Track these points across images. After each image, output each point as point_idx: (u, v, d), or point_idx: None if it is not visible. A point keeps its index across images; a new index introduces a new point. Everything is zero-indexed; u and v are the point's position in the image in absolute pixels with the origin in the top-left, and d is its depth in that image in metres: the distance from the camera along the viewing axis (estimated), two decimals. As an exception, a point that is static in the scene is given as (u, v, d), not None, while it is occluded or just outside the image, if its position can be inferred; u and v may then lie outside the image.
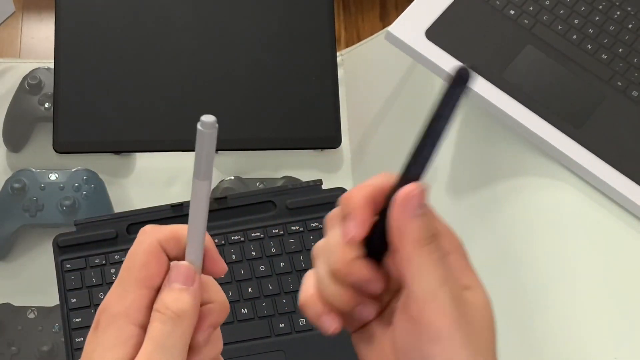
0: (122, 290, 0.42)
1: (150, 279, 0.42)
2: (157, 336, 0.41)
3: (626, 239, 0.72)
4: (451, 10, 0.79)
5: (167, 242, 0.43)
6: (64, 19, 0.88)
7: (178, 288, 0.42)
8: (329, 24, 0.91)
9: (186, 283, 0.42)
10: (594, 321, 0.67)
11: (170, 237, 0.43)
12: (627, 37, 0.79)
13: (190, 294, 0.42)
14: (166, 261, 0.43)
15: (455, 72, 0.39)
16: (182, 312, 0.41)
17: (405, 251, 0.40)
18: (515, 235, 0.74)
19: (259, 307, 0.79)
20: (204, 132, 0.40)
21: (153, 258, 0.43)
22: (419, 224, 0.40)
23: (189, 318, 0.42)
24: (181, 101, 0.88)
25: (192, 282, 0.42)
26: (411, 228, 0.40)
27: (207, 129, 0.40)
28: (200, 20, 0.90)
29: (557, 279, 0.69)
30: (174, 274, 0.42)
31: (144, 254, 0.42)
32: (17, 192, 0.87)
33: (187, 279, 0.42)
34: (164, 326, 0.41)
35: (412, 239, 0.40)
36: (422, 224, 0.40)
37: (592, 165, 0.73)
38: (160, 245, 0.43)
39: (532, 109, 0.75)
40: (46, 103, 0.92)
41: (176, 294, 0.42)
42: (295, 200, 0.82)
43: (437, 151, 0.41)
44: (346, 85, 0.99)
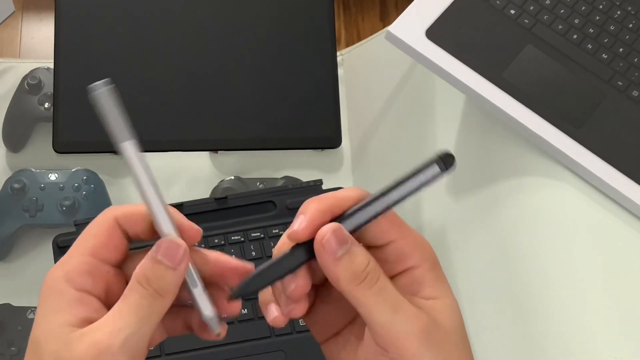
0: (66, 258, 0.42)
1: (97, 249, 0.42)
2: (134, 304, 0.41)
3: (627, 238, 0.72)
4: (451, 10, 0.79)
5: (124, 219, 0.43)
6: (64, 19, 0.88)
7: (165, 265, 0.41)
8: (329, 23, 0.91)
9: (173, 262, 0.41)
10: (594, 321, 0.67)
11: (128, 213, 0.43)
12: (627, 37, 0.79)
13: (176, 275, 0.42)
14: (120, 237, 0.43)
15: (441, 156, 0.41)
16: (164, 292, 0.41)
17: (347, 293, 0.41)
18: (516, 235, 0.74)
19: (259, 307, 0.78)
20: (97, 93, 0.41)
21: (104, 231, 0.43)
22: (345, 265, 0.41)
23: (168, 298, 0.41)
24: (181, 101, 0.88)
25: (180, 262, 0.42)
26: (339, 271, 0.41)
27: (98, 89, 0.41)
28: (200, 20, 0.90)
29: (558, 278, 0.69)
30: (164, 247, 0.42)
31: (96, 226, 0.43)
32: (17, 192, 0.87)
33: (175, 258, 0.42)
34: (142, 300, 0.41)
35: (345, 281, 0.41)
36: (347, 265, 0.41)
37: (592, 165, 0.73)
38: (117, 222, 0.43)
39: (532, 109, 0.75)
40: (46, 103, 0.92)
41: (162, 271, 0.41)
42: (295, 200, 0.82)
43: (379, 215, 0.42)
44: (346, 85, 0.99)
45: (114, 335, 0.39)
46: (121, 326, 0.40)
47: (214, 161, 0.94)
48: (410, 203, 0.86)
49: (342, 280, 0.41)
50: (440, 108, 0.87)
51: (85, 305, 0.41)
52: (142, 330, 0.40)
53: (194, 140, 0.88)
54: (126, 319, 0.40)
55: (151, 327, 0.41)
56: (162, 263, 0.41)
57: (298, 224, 0.42)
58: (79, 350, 0.39)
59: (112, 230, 0.43)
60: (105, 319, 0.40)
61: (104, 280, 0.42)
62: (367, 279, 0.41)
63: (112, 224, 0.43)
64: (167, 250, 0.41)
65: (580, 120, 0.75)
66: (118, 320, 0.40)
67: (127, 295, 0.41)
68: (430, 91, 0.89)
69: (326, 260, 0.41)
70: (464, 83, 0.76)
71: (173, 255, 0.41)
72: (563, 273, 0.70)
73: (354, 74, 1.00)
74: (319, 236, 0.41)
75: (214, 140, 0.88)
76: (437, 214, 0.83)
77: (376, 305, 0.41)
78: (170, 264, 0.41)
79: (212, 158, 0.94)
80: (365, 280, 0.41)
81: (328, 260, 0.41)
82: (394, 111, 0.94)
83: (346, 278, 0.41)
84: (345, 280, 0.41)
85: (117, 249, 0.43)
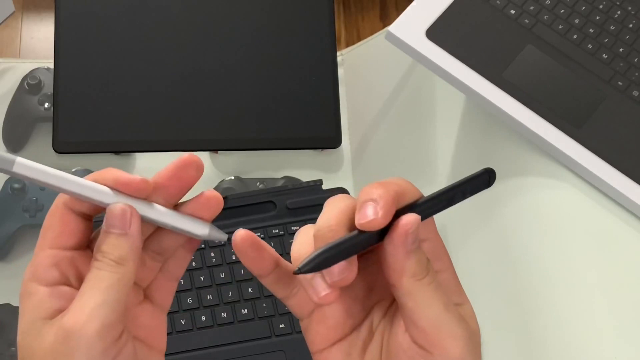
0: (32, 259, 0.42)
1: (54, 239, 0.41)
2: (93, 278, 0.40)
3: (626, 238, 0.72)
4: (451, 10, 0.79)
5: (71, 201, 0.42)
6: (64, 19, 0.88)
7: (116, 233, 0.40)
8: (329, 23, 0.91)
9: (122, 227, 0.40)
10: (594, 321, 0.67)
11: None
12: (627, 37, 0.79)
13: (129, 239, 0.40)
14: (75, 219, 0.42)
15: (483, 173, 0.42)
16: (121, 259, 0.40)
17: (404, 286, 0.40)
18: (516, 234, 0.74)
19: (259, 307, 0.78)
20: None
21: (56, 219, 0.42)
22: (415, 259, 0.40)
23: (129, 264, 0.40)
24: (181, 101, 0.88)
25: (128, 226, 0.40)
26: (409, 264, 0.40)
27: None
28: (200, 20, 0.90)
29: (557, 278, 0.69)
30: (108, 218, 0.41)
31: (49, 217, 0.42)
32: (16, 193, 0.87)
33: (123, 223, 0.40)
34: (100, 272, 0.40)
35: (410, 275, 0.40)
36: (417, 259, 0.40)
37: (592, 164, 0.73)
38: (67, 205, 0.42)
39: (532, 109, 0.75)
40: (46, 103, 0.92)
41: (113, 240, 0.40)
42: (295, 200, 0.82)
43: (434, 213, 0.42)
44: (346, 85, 0.99)
45: (78, 314, 0.38)
46: (83, 302, 0.39)
47: (214, 161, 0.94)
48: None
49: (407, 273, 0.40)
50: (440, 108, 0.87)
51: (56, 297, 0.40)
52: (108, 300, 0.39)
53: (194, 140, 0.88)
54: (88, 295, 0.39)
55: (118, 295, 0.39)
56: (111, 232, 0.40)
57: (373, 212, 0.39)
58: (49, 338, 0.39)
59: (64, 216, 0.42)
60: (73, 303, 0.39)
61: (72, 267, 0.41)
62: (428, 276, 0.40)
63: (62, 209, 0.42)
64: (110, 218, 0.40)
65: (581, 120, 0.75)
66: (80, 299, 0.39)
67: (88, 274, 0.40)
68: (430, 91, 0.89)
69: (400, 250, 0.39)
70: (464, 83, 0.76)
71: (119, 221, 0.40)
72: (563, 273, 0.70)
73: (354, 74, 1.00)
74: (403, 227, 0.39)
75: (214, 140, 0.88)
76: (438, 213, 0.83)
77: (430, 305, 0.40)
78: (119, 230, 0.40)
79: (212, 158, 0.94)
80: (426, 277, 0.40)
81: (402, 251, 0.40)
82: (394, 111, 0.94)
83: (411, 273, 0.40)
84: (409, 275, 0.40)
85: (75, 232, 0.42)
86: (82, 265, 0.42)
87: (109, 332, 0.39)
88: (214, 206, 0.43)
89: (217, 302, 0.79)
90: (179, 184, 0.42)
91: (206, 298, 0.79)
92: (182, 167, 0.42)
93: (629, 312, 0.67)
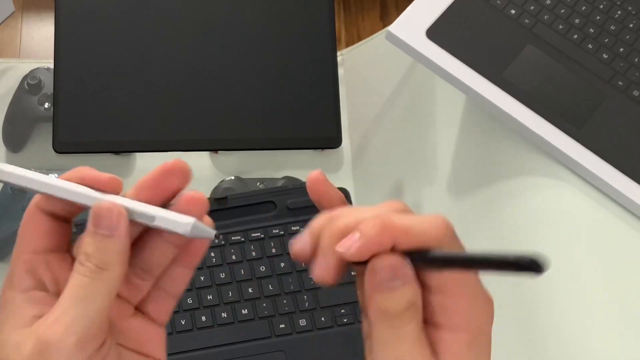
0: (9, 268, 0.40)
1: (28, 244, 0.40)
2: (75, 286, 0.37)
3: (627, 238, 0.72)
4: (452, 10, 0.79)
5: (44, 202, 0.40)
6: (64, 18, 0.88)
7: (101, 234, 0.37)
8: (329, 23, 0.91)
9: (109, 228, 0.37)
10: (595, 321, 0.67)
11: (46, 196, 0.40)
12: (627, 37, 0.79)
13: (116, 242, 0.37)
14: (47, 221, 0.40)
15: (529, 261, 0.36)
16: (105, 264, 0.37)
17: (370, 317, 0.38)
18: (517, 235, 0.74)
19: (260, 307, 0.78)
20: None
21: (28, 223, 0.40)
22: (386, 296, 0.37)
23: (114, 270, 0.37)
24: (181, 101, 0.88)
25: (115, 226, 0.37)
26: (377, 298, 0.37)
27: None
28: (200, 20, 0.90)
29: (558, 278, 0.69)
30: (93, 217, 0.38)
31: (21, 224, 0.40)
32: (17, 192, 0.87)
33: (110, 223, 0.37)
34: (83, 278, 0.37)
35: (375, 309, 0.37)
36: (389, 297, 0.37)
37: (593, 165, 0.73)
38: (39, 207, 0.40)
39: (533, 109, 0.75)
40: (46, 103, 0.92)
41: (99, 242, 0.37)
42: (295, 200, 0.82)
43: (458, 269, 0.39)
44: (346, 85, 0.99)
45: (55, 324, 0.36)
46: (62, 312, 0.36)
47: (214, 161, 0.94)
48: (411, 203, 0.86)
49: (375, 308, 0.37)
50: (441, 108, 0.87)
51: (33, 303, 0.38)
52: (88, 311, 0.36)
53: (194, 140, 0.88)
54: (67, 304, 0.37)
55: (99, 306, 0.37)
56: (98, 233, 0.37)
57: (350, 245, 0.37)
58: (27, 350, 0.36)
59: (36, 218, 0.40)
60: (51, 310, 0.37)
61: (48, 271, 0.39)
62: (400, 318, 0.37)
63: (33, 212, 0.40)
64: (97, 218, 0.38)
65: (581, 120, 0.75)
66: (59, 307, 0.37)
67: (70, 278, 0.37)
68: (430, 91, 0.89)
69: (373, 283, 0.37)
70: (465, 83, 0.76)
71: (107, 221, 0.37)
72: (563, 273, 0.69)
73: (354, 74, 1.00)
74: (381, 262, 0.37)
75: (214, 140, 0.88)
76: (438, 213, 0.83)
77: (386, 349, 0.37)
78: (107, 231, 0.37)
79: (212, 158, 0.94)
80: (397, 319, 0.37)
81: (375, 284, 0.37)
82: (394, 111, 0.94)
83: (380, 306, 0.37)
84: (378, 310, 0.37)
85: (49, 235, 0.40)
86: (59, 270, 0.39)
87: (89, 343, 0.37)
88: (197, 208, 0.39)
89: (217, 302, 0.79)
90: (161, 194, 0.39)
91: (206, 298, 0.79)
92: (165, 174, 0.39)
93: (630, 312, 0.67)
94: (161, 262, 0.40)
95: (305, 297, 0.79)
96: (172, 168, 0.39)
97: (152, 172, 0.39)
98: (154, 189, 0.39)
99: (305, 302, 0.79)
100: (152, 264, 0.40)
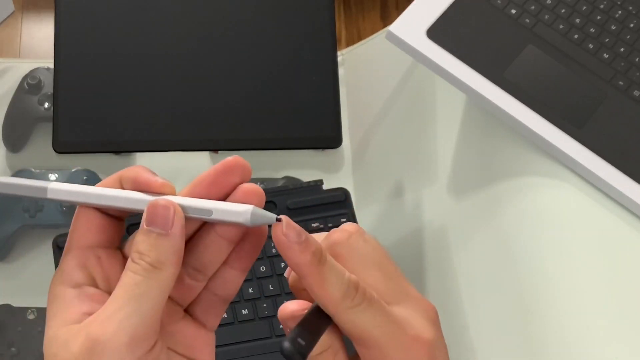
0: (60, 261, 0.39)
1: (80, 239, 0.39)
2: (127, 284, 0.36)
3: (628, 238, 0.72)
4: (452, 10, 0.79)
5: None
6: (64, 18, 0.88)
7: (156, 233, 0.37)
8: (329, 23, 0.91)
9: (164, 226, 0.37)
10: (595, 321, 0.67)
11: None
12: (628, 37, 0.79)
13: (171, 240, 0.37)
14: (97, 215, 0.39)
15: None
16: (159, 263, 0.36)
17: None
18: (517, 235, 0.74)
19: (260, 307, 0.78)
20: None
21: (80, 218, 0.39)
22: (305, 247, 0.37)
23: (168, 267, 0.37)
24: (181, 101, 0.88)
25: (171, 225, 0.37)
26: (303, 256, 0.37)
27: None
28: (200, 20, 0.90)
29: (559, 278, 0.69)
30: (148, 214, 0.37)
31: (73, 220, 0.40)
32: (16, 193, 0.86)
33: (165, 221, 0.37)
34: (136, 277, 0.36)
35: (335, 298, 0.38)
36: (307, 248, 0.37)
37: (593, 164, 0.73)
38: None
39: (533, 109, 0.75)
40: (46, 103, 0.92)
41: (154, 240, 0.37)
42: (296, 200, 0.82)
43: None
44: (347, 85, 0.99)
45: (107, 322, 0.35)
46: (114, 310, 0.36)
47: (214, 161, 0.94)
48: (411, 203, 0.86)
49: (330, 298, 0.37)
50: (441, 108, 0.87)
51: (84, 299, 0.37)
52: (141, 310, 0.36)
53: (194, 140, 0.87)
54: (120, 302, 0.36)
55: (152, 305, 0.36)
56: (152, 231, 0.37)
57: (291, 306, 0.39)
58: (75, 347, 0.36)
59: (87, 212, 0.39)
60: (102, 308, 0.36)
61: (99, 267, 0.39)
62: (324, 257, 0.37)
63: (85, 208, 0.39)
64: (152, 216, 0.37)
65: (582, 120, 0.75)
66: (111, 305, 0.36)
67: (122, 276, 0.37)
68: (430, 91, 0.89)
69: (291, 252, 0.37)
70: (465, 83, 0.76)
71: (162, 219, 0.37)
72: (564, 273, 0.69)
73: (354, 74, 1.00)
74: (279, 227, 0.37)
75: (214, 140, 0.88)
76: (438, 214, 0.83)
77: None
78: (161, 230, 0.37)
79: (212, 158, 0.94)
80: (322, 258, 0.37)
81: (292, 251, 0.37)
82: (394, 111, 0.93)
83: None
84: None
85: (100, 230, 0.39)
86: (110, 266, 0.39)
87: (140, 344, 0.36)
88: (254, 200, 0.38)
89: (217, 303, 0.79)
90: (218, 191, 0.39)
91: (206, 298, 0.79)
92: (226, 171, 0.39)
93: (631, 312, 0.67)
94: (215, 260, 0.40)
95: (306, 297, 0.79)
96: (232, 165, 0.39)
97: (212, 169, 0.38)
98: (211, 185, 0.38)
99: (306, 302, 0.79)
100: (205, 263, 0.40)
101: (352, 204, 0.83)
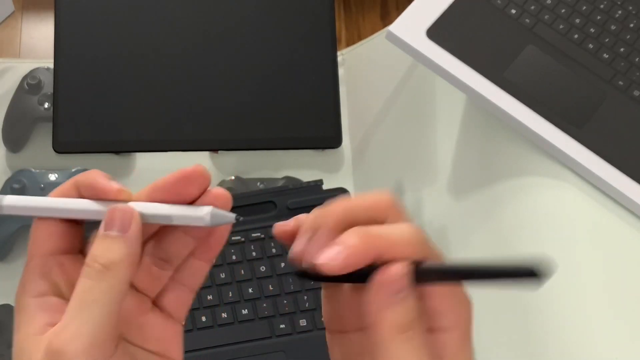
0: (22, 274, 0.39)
1: (38, 248, 0.39)
2: (80, 291, 0.36)
3: (628, 238, 0.72)
4: (452, 10, 0.79)
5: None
6: (64, 18, 0.88)
7: (112, 236, 0.37)
8: (329, 23, 0.91)
9: (121, 229, 0.37)
10: (595, 321, 0.67)
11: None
12: (628, 37, 0.79)
13: (125, 241, 0.37)
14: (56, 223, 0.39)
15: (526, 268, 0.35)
16: (110, 264, 0.36)
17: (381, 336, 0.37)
18: (517, 235, 0.74)
19: (260, 307, 0.78)
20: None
21: (39, 226, 0.39)
22: (397, 309, 0.36)
23: (120, 270, 0.36)
24: (181, 101, 0.88)
25: (128, 227, 0.37)
26: (389, 314, 0.36)
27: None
28: (200, 20, 0.90)
29: (559, 278, 0.69)
30: (106, 219, 0.37)
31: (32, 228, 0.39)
32: (16, 193, 0.86)
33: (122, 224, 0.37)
34: (87, 281, 0.36)
35: (388, 326, 0.37)
36: (400, 310, 0.37)
37: (593, 164, 0.73)
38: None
39: (533, 109, 0.75)
40: (46, 103, 0.92)
41: (107, 243, 0.37)
42: (296, 200, 0.82)
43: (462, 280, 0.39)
44: (347, 85, 0.99)
45: (63, 332, 0.35)
46: (69, 320, 0.36)
47: (214, 161, 0.94)
48: (411, 204, 0.86)
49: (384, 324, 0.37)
50: (441, 108, 0.87)
51: (46, 310, 0.38)
52: (94, 317, 0.36)
53: (194, 140, 0.87)
54: (73, 311, 0.36)
55: (106, 310, 0.36)
56: (108, 235, 0.37)
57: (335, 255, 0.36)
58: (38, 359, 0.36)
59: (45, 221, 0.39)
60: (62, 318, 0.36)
61: (63, 274, 0.38)
62: (408, 332, 0.36)
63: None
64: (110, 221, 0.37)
65: (582, 120, 0.75)
66: (67, 315, 0.36)
67: (77, 283, 0.37)
68: (430, 91, 0.89)
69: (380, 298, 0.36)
70: (465, 83, 0.76)
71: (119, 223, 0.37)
72: (564, 273, 0.69)
73: (354, 74, 1.00)
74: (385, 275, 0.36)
75: (214, 140, 0.88)
76: (438, 213, 0.83)
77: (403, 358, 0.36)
78: (117, 232, 0.37)
79: (212, 158, 0.94)
80: (406, 333, 0.36)
81: (382, 299, 0.36)
82: (394, 111, 0.93)
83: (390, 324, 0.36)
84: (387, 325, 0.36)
85: (61, 236, 0.39)
86: (74, 272, 0.38)
87: (98, 349, 0.36)
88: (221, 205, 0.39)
89: (217, 303, 0.79)
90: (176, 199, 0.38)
91: (206, 298, 0.79)
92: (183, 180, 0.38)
93: (631, 312, 0.67)
94: (181, 252, 0.40)
95: (306, 297, 0.79)
96: (190, 174, 0.38)
97: (170, 177, 0.38)
98: (168, 193, 0.38)
99: (306, 302, 0.79)
100: (171, 255, 0.40)
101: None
